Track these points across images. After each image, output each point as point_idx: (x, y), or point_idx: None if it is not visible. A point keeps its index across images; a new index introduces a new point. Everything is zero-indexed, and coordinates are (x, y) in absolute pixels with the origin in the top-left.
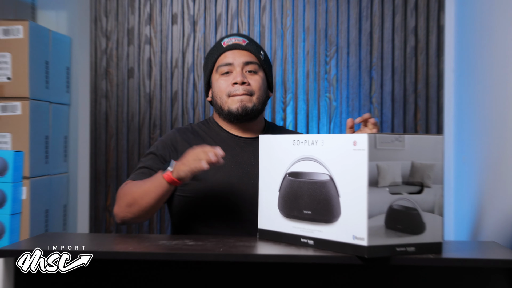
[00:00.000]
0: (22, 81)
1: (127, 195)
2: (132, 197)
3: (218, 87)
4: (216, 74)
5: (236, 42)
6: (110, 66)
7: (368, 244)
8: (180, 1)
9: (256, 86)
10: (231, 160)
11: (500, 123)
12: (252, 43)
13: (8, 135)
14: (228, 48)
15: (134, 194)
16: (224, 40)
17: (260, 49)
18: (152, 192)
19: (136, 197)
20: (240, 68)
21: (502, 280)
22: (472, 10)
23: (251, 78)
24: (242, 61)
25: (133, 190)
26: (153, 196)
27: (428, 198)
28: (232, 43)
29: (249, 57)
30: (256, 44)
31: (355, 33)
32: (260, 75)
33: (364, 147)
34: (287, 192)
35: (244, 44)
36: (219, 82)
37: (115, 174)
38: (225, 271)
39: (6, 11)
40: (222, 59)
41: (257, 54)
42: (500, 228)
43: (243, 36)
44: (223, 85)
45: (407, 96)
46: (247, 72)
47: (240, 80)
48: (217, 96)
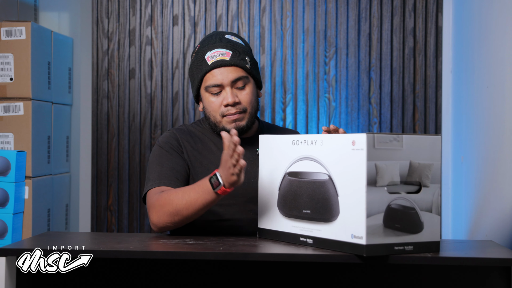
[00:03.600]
0: (25, 81)
1: (168, 205)
2: (174, 208)
3: (210, 107)
4: (206, 93)
5: (220, 58)
6: (112, 67)
7: (366, 243)
8: (181, 3)
9: (247, 102)
10: None
11: (497, 123)
12: (236, 53)
13: (10, 135)
14: (214, 66)
15: (178, 205)
16: (208, 54)
17: (245, 56)
18: (199, 204)
19: (179, 208)
20: (229, 87)
21: (499, 279)
22: (470, 11)
23: (241, 94)
24: (230, 79)
25: (175, 201)
26: (200, 207)
27: (426, 198)
28: (217, 60)
29: (235, 73)
30: (240, 53)
31: (354, 34)
32: (249, 87)
33: (363, 147)
34: (286, 191)
35: (229, 58)
36: (210, 101)
37: (116, 174)
38: (225, 270)
39: (9, 12)
40: (210, 78)
41: (243, 65)
42: (497, 227)
43: (226, 45)
44: (215, 105)
45: (406, 96)
46: (237, 89)
47: (231, 102)
48: (211, 114)
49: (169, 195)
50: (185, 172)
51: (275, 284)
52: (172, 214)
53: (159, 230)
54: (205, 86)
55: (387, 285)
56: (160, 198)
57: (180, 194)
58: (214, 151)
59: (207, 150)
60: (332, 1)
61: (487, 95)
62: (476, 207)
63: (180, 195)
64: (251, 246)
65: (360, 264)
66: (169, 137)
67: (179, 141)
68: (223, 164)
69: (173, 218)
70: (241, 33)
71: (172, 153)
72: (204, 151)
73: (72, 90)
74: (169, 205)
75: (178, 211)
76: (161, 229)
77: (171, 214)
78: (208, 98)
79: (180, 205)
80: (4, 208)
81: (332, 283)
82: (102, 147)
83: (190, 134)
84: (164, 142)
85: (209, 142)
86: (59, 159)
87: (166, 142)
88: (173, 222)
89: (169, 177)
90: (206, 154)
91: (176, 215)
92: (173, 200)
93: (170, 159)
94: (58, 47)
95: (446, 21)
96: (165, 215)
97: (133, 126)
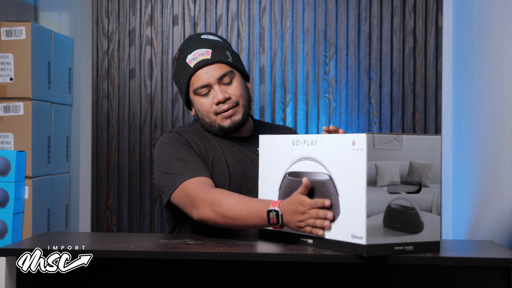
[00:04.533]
0: (25, 81)
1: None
2: (222, 211)
3: (202, 108)
4: (196, 96)
5: (202, 58)
6: (112, 67)
7: (366, 243)
8: (181, 3)
9: (237, 95)
10: (233, 159)
11: (497, 123)
12: (215, 50)
13: (10, 135)
14: (197, 67)
15: (226, 211)
16: (188, 57)
17: (225, 51)
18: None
19: (227, 215)
20: (217, 84)
21: (499, 279)
22: (470, 11)
23: (230, 88)
24: (216, 77)
25: (225, 205)
26: (247, 225)
27: (426, 198)
28: (199, 61)
29: (220, 70)
30: (220, 49)
31: (354, 34)
32: (237, 80)
33: (363, 147)
34: (287, 191)
35: (210, 57)
36: (201, 103)
37: (116, 174)
38: (225, 270)
39: (9, 12)
40: (196, 80)
41: (225, 60)
42: (497, 227)
43: (204, 44)
44: (207, 105)
45: (406, 96)
46: (224, 85)
47: (222, 98)
48: (204, 115)
49: (221, 196)
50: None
51: (275, 284)
52: (218, 214)
53: (202, 219)
54: (193, 89)
55: (387, 285)
56: (210, 193)
57: (233, 202)
58: (219, 150)
59: (210, 149)
60: (332, 1)
61: (487, 95)
62: (476, 207)
63: (232, 203)
64: (251, 246)
65: (360, 264)
66: (174, 136)
67: (187, 139)
68: (295, 208)
69: (217, 219)
70: (241, 33)
71: (187, 149)
72: (208, 151)
73: (72, 90)
74: (217, 206)
75: (224, 216)
76: (205, 220)
77: (217, 214)
78: (199, 100)
79: (228, 213)
80: (4, 208)
81: (332, 283)
82: (102, 147)
83: (192, 132)
84: (173, 139)
85: (212, 141)
86: (59, 159)
87: (175, 138)
88: (216, 222)
89: (202, 169)
90: (210, 154)
91: (222, 217)
92: (223, 203)
93: (189, 153)
94: (58, 47)
95: (446, 21)
96: (212, 212)
97: (133, 126)
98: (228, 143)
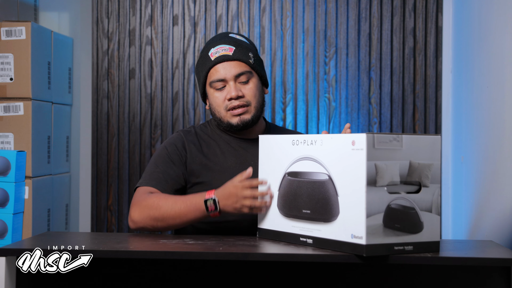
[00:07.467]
0: (25, 81)
1: (155, 209)
2: (161, 214)
3: (214, 102)
4: (211, 89)
5: (223, 53)
6: (112, 67)
7: (366, 242)
8: (181, 3)
9: (251, 96)
10: (235, 162)
11: (497, 123)
12: (239, 48)
13: (10, 135)
14: (217, 61)
15: (165, 212)
16: (211, 50)
17: (248, 52)
18: (187, 218)
19: (166, 216)
20: (232, 81)
21: (499, 279)
22: (470, 11)
23: (245, 88)
24: (233, 74)
25: (164, 208)
26: (187, 221)
27: (426, 198)
28: (220, 55)
29: (239, 68)
30: (243, 48)
31: (354, 34)
32: (253, 82)
33: (363, 147)
34: (286, 191)
35: (231, 53)
36: (215, 97)
37: (116, 174)
38: (225, 270)
39: (9, 12)
40: (214, 73)
41: (246, 60)
42: (497, 227)
43: (229, 41)
44: (219, 99)
45: (406, 96)
46: (240, 83)
47: (235, 95)
48: (215, 109)
49: (159, 200)
50: (178, 179)
51: (275, 284)
52: (156, 219)
53: (136, 227)
54: (210, 82)
55: (387, 285)
56: (148, 199)
57: (170, 202)
58: (219, 154)
59: (212, 153)
60: (332, 1)
61: (487, 95)
62: (476, 207)
63: (170, 204)
64: (251, 246)
65: (360, 264)
66: (176, 139)
67: (185, 144)
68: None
69: (156, 223)
70: (241, 33)
71: (172, 157)
72: (209, 154)
73: (72, 90)
74: (155, 210)
75: (164, 218)
76: (139, 228)
77: (155, 219)
78: (213, 94)
79: (167, 213)
80: (4, 208)
81: (332, 283)
82: (102, 147)
83: (197, 136)
84: (169, 144)
85: (215, 146)
86: (59, 159)
87: (171, 144)
88: (155, 226)
89: (159, 179)
90: (211, 158)
91: (162, 221)
92: (162, 207)
93: (167, 162)
94: (58, 47)
95: (446, 21)
96: (148, 218)
97: (133, 126)
98: (235, 144)
